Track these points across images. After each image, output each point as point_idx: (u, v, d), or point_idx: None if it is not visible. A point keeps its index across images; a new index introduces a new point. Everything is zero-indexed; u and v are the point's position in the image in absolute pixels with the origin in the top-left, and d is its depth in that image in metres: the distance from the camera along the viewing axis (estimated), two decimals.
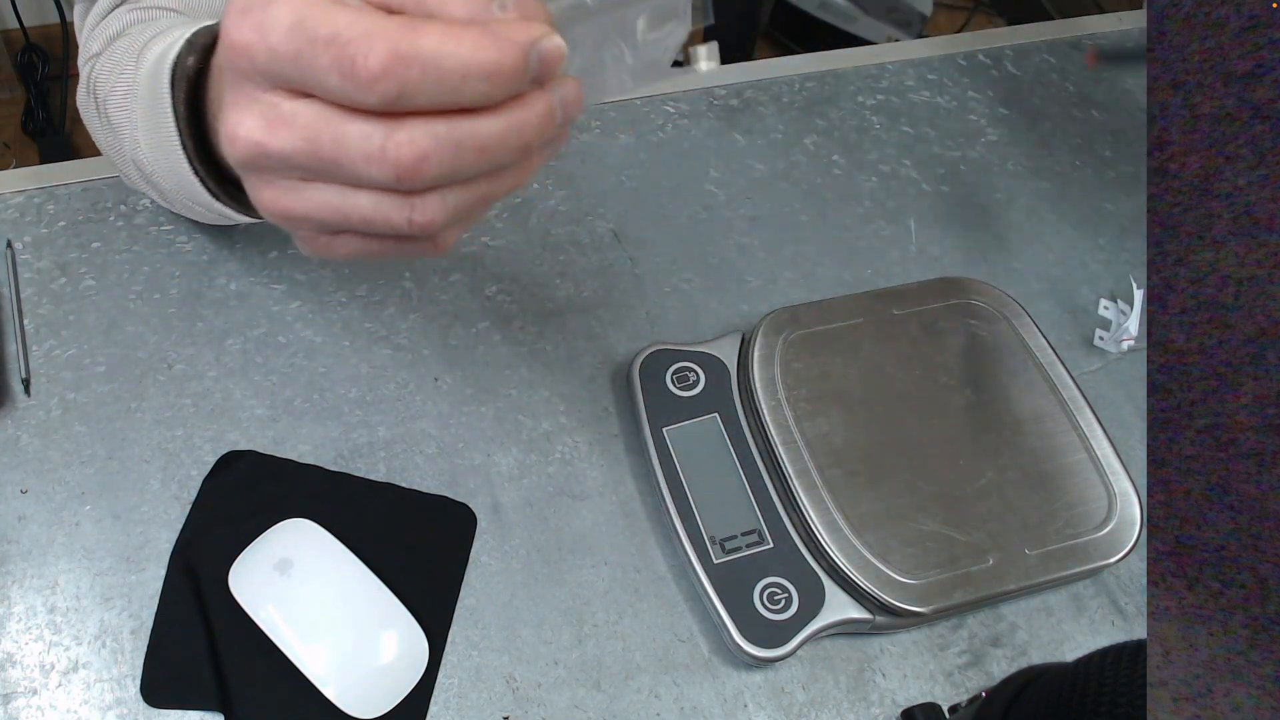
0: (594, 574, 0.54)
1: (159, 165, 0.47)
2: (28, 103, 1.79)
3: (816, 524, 0.52)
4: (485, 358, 0.61)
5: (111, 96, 0.50)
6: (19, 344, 0.58)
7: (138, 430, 0.56)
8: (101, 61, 0.52)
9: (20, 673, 0.49)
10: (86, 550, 0.53)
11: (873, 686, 0.53)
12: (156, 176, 0.48)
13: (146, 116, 0.46)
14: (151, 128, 0.46)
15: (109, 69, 0.51)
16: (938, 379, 0.58)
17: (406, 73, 0.28)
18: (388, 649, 0.50)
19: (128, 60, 0.49)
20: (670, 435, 0.56)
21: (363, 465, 0.56)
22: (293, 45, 0.29)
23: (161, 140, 0.45)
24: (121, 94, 0.49)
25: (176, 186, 0.47)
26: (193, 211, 0.52)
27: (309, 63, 0.29)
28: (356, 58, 0.28)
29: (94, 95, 0.52)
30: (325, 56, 0.29)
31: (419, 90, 0.29)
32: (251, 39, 0.30)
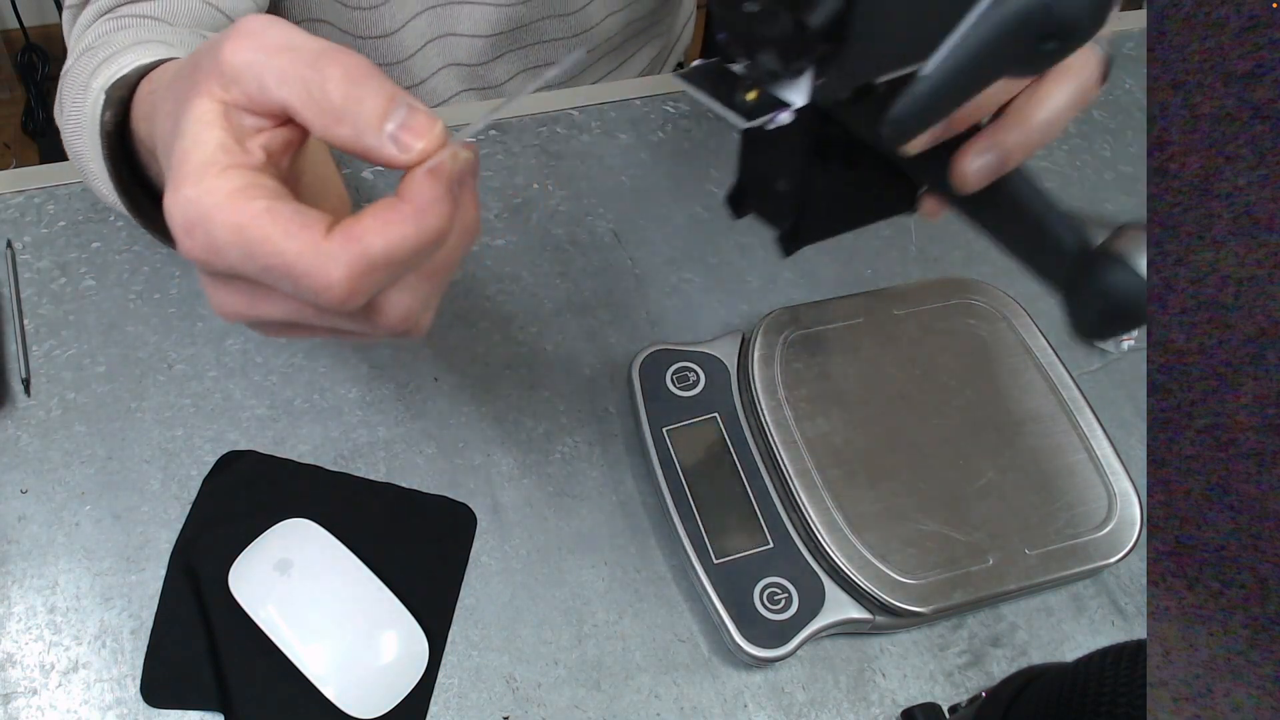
0: (594, 574, 0.54)
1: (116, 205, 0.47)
2: (28, 103, 1.79)
3: (816, 524, 0.52)
4: (485, 358, 0.61)
5: (68, 124, 0.50)
6: (19, 344, 0.58)
7: (138, 430, 0.56)
8: (65, 81, 0.52)
9: (20, 673, 0.49)
10: (86, 550, 0.53)
11: (873, 686, 0.53)
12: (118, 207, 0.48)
13: (93, 149, 0.46)
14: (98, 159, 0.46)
15: (68, 91, 0.51)
16: (938, 379, 0.58)
17: (372, 281, 0.30)
18: (388, 649, 0.50)
19: (78, 89, 0.49)
20: (670, 435, 0.56)
21: (363, 465, 0.56)
22: (252, 268, 0.30)
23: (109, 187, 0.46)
24: (75, 123, 0.49)
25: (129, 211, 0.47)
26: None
27: (273, 280, 0.30)
28: (321, 292, 0.30)
29: (62, 115, 0.52)
30: (288, 285, 0.30)
31: (385, 283, 0.31)
32: (207, 258, 0.30)
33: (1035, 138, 0.36)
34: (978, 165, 0.35)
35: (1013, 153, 0.35)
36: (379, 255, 0.30)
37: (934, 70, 0.29)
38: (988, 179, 0.36)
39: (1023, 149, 0.35)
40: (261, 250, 0.30)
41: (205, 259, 0.31)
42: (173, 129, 0.32)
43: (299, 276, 0.29)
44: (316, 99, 0.30)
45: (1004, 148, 0.35)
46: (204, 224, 0.30)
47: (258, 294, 0.32)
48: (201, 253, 0.30)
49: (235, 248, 0.30)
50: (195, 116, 0.31)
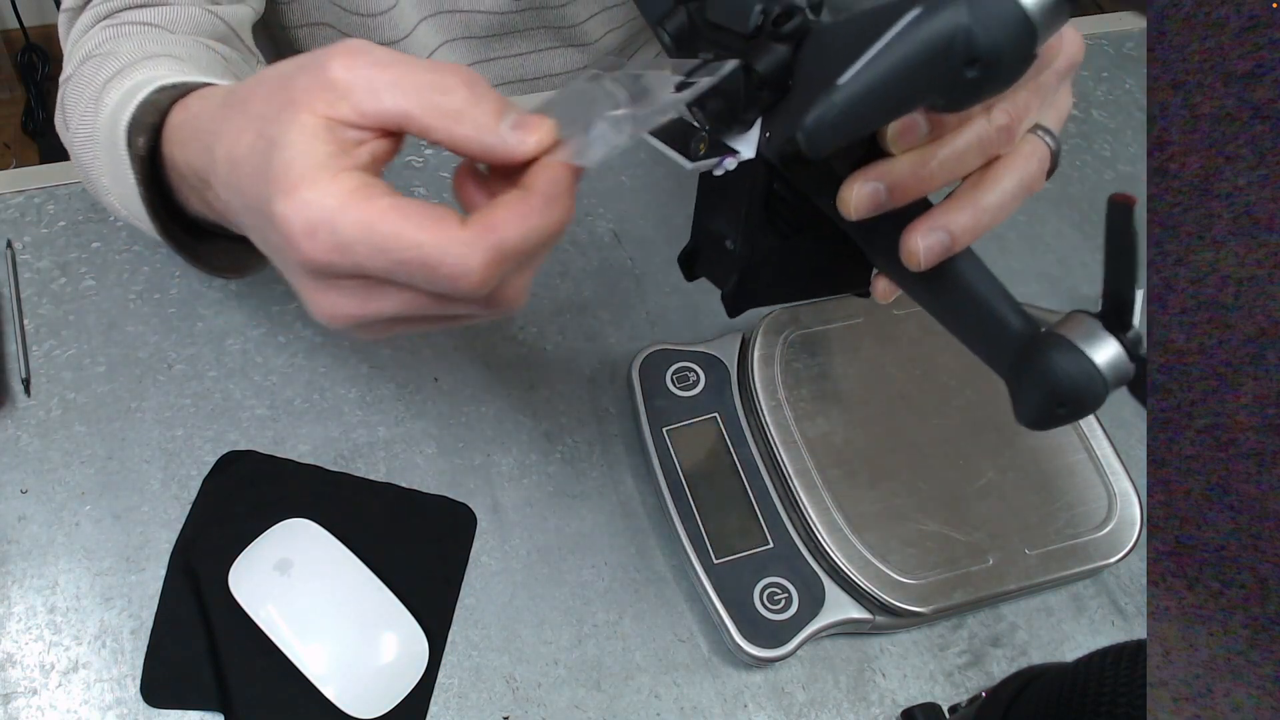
0: (594, 574, 0.54)
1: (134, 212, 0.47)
2: (28, 103, 1.79)
3: (816, 524, 0.52)
4: (485, 358, 0.61)
5: (76, 136, 0.50)
6: (19, 344, 0.58)
7: (138, 430, 0.56)
8: (70, 88, 0.52)
9: (20, 673, 0.49)
10: (86, 550, 0.53)
11: (873, 686, 0.53)
12: (133, 220, 0.48)
13: (110, 168, 0.46)
14: (115, 178, 0.46)
15: (73, 101, 0.51)
16: (938, 379, 0.58)
17: (503, 268, 0.32)
18: (388, 649, 0.50)
19: (88, 101, 0.49)
20: (670, 435, 0.56)
21: (363, 465, 0.56)
22: (382, 263, 0.31)
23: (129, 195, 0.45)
24: (85, 136, 0.49)
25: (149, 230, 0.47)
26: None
27: (405, 274, 0.32)
28: (459, 280, 0.31)
29: (66, 125, 0.52)
30: (421, 276, 0.31)
31: (514, 270, 0.33)
32: (331, 259, 0.32)
33: (984, 219, 0.36)
34: (927, 244, 0.35)
35: (961, 234, 0.36)
36: (513, 243, 0.31)
37: (850, 80, 0.28)
38: (937, 259, 0.36)
39: (971, 231, 0.36)
40: (395, 244, 0.31)
41: (328, 260, 0.32)
42: (262, 147, 0.33)
43: (435, 267, 0.31)
44: (437, 103, 0.32)
45: (953, 228, 0.35)
46: (328, 224, 0.31)
47: (371, 292, 0.33)
48: (325, 253, 0.31)
49: (364, 244, 0.31)
50: (298, 129, 0.32)
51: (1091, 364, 0.33)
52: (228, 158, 0.35)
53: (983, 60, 0.27)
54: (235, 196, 0.35)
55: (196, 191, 0.41)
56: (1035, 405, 0.34)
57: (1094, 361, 0.33)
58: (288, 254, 0.33)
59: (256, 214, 0.34)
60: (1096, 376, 0.33)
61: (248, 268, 0.48)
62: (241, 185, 0.35)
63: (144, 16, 0.54)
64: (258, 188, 0.33)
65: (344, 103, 0.32)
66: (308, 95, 0.32)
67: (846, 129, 0.29)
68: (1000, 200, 0.36)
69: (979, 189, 0.36)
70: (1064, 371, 0.33)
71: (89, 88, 0.50)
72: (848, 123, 0.29)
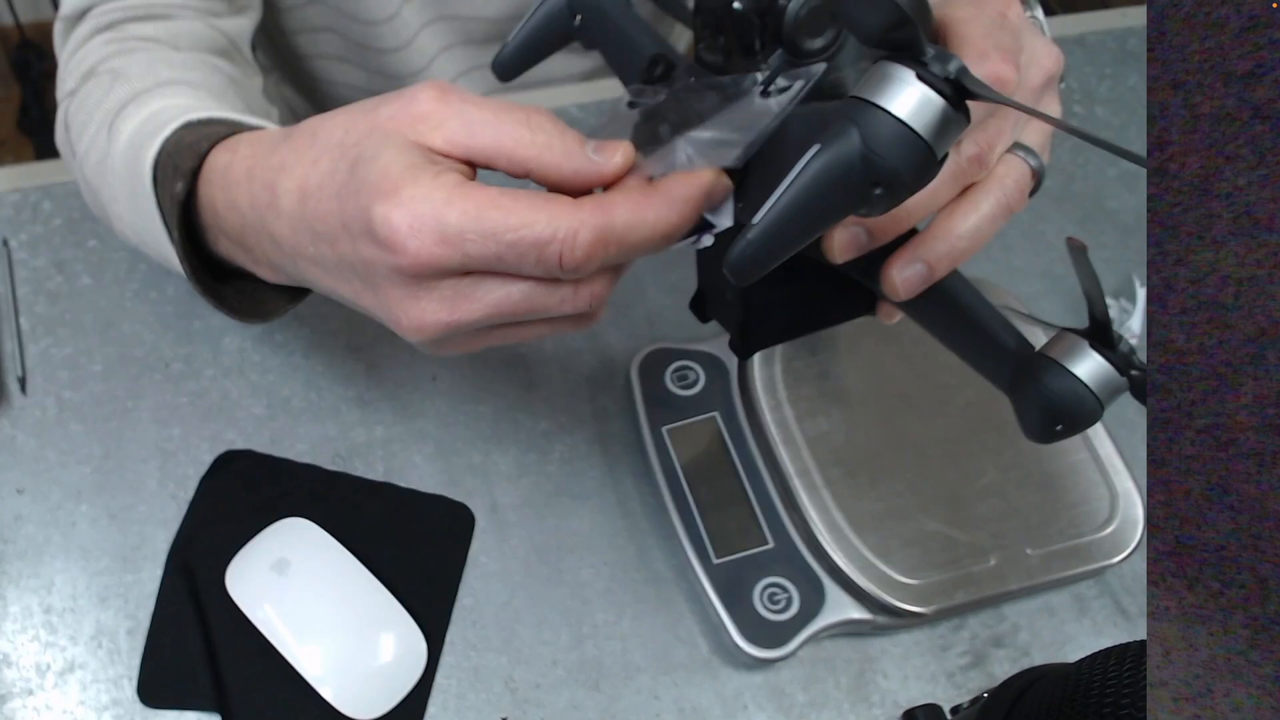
0: (593, 574, 0.54)
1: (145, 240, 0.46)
2: (23, 100, 1.79)
3: (816, 524, 0.52)
4: (483, 357, 0.61)
5: (87, 160, 0.49)
6: (15, 342, 0.58)
7: (134, 429, 0.56)
8: (75, 105, 0.51)
9: (16, 673, 0.49)
10: (83, 550, 0.52)
11: (874, 687, 0.52)
12: (142, 246, 0.47)
13: (127, 200, 0.46)
14: (133, 210, 0.45)
15: (81, 121, 0.50)
16: (938, 378, 0.58)
17: (605, 252, 0.32)
18: (385, 649, 0.50)
19: (100, 126, 0.48)
20: (670, 435, 0.56)
21: (360, 465, 0.56)
22: (491, 250, 0.32)
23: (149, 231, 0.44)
24: (95, 161, 0.48)
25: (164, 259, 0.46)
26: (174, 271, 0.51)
27: (511, 262, 0.32)
28: (564, 254, 0.32)
29: (72, 143, 0.51)
30: (531, 256, 0.32)
31: (613, 259, 0.33)
32: (438, 253, 0.32)
33: (961, 246, 0.36)
34: (904, 275, 0.36)
35: (939, 263, 0.36)
36: (621, 228, 0.32)
37: (762, 219, 0.30)
38: (918, 288, 0.37)
39: (948, 259, 0.36)
40: (506, 226, 0.32)
41: (431, 256, 0.32)
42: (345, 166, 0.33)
43: (546, 243, 0.32)
44: (531, 135, 0.33)
45: (929, 259, 0.36)
46: (435, 217, 0.32)
47: (467, 292, 0.33)
48: (431, 248, 0.32)
49: (474, 230, 0.32)
50: (390, 144, 0.33)
51: (1080, 383, 0.34)
52: (298, 189, 0.35)
53: (884, 180, 0.28)
54: (303, 230, 0.35)
55: (229, 235, 0.41)
56: (1035, 423, 0.36)
57: (1082, 380, 0.34)
58: (385, 261, 0.33)
59: (339, 235, 0.34)
60: (1086, 394, 0.34)
61: (269, 313, 0.46)
62: (317, 212, 0.35)
63: (146, 31, 0.53)
64: (345, 205, 0.33)
65: (436, 133, 0.33)
66: (395, 122, 0.33)
67: (768, 260, 0.31)
68: (976, 226, 0.37)
69: (953, 218, 0.37)
70: (1055, 392, 0.34)
71: (99, 110, 0.49)
72: (767, 255, 0.30)
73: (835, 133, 0.28)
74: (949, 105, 0.28)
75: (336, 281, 0.36)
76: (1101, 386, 0.34)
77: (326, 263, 0.36)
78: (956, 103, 0.28)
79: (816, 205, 0.29)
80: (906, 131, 0.28)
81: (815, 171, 0.28)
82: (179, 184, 0.41)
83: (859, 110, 0.28)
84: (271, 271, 0.40)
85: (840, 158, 0.28)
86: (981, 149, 0.36)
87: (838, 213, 0.30)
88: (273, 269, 0.40)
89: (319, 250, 0.36)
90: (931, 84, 0.27)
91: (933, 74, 0.27)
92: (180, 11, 0.54)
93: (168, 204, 0.42)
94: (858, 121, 0.28)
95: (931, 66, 0.28)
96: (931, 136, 0.28)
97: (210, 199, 0.41)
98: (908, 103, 0.27)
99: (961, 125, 0.28)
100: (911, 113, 0.27)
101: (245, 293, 0.45)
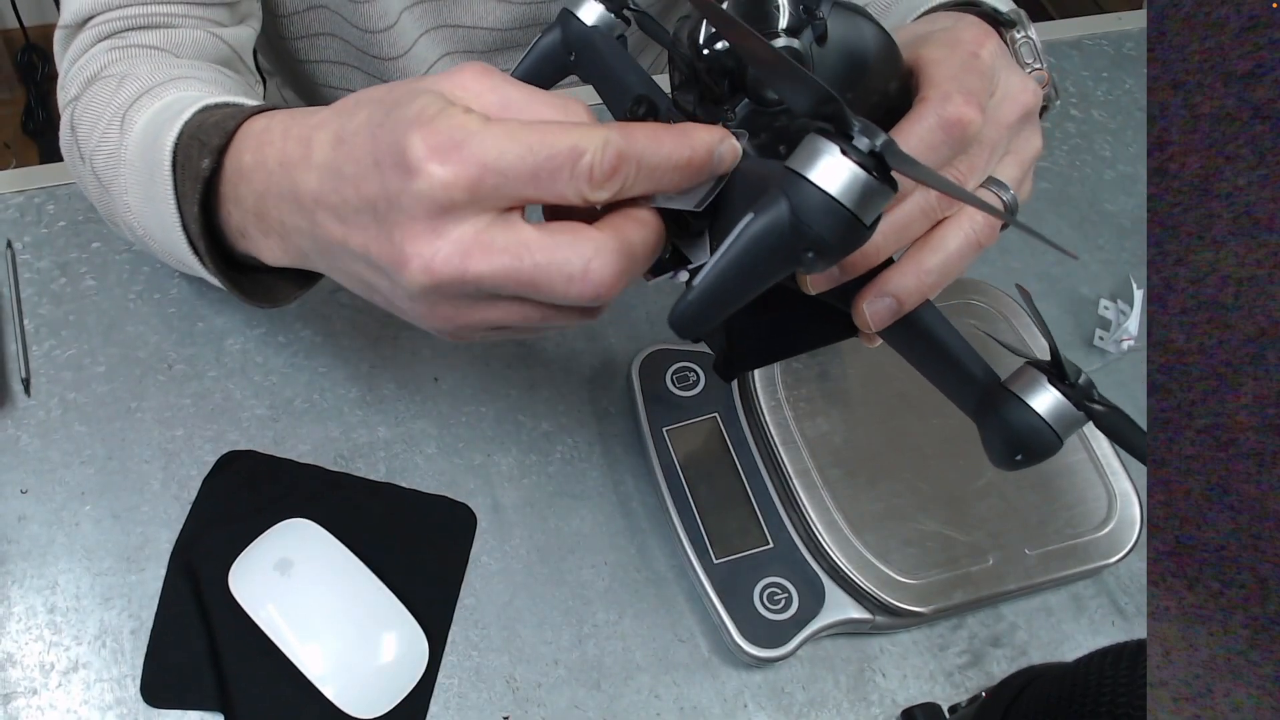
0: (594, 574, 0.54)
1: (153, 232, 0.47)
2: (28, 103, 1.79)
3: (816, 524, 0.52)
4: (485, 358, 0.61)
5: (96, 155, 0.49)
6: (19, 344, 0.58)
7: (138, 430, 0.56)
8: (80, 108, 0.51)
9: (20, 673, 0.49)
10: (86, 550, 0.53)
11: (873, 686, 0.53)
12: (149, 239, 0.48)
13: (140, 189, 0.46)
14: (146, 199, 0.45)
15: (89, 121, 0.50)
16: None
17: (628, 169, 0.32)
18: (387, 649, 0.50)
19: (110, 119, 0.48)
20: (670, 435, 0.56)
21: (363, 465, 0.56)
22: (529, 167, 0.32)
23: (160, 217, 0.45)
24: (107, 154, 0.48)
25: (170, 253, 0.47)
26: (181, 269, 0.51)
27: (547, 178, 0.32)
28: (594, 165, 0.32)
29: (79, 145, 0.52)
30: (565, 169, 0.32)
31: (634, 184, 0.33)
32: (476, 173, 0.31)
33: (929, 281, 0.37)
34: (873, 309, 0.37)
35: (908, 297, 0.37)
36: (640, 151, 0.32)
37: (701, 282, 0.31)
38: (886, 321, 0.37)
39: (916, 292, 0.37)
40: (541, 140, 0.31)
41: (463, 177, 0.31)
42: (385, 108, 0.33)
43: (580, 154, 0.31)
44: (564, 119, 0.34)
45: (898, 293, 0.37)
46: (469, 139, 0.31)
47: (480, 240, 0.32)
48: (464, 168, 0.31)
49: (510, 150, 0.31)
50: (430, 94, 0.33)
51: (1037, 416, 0.36)
52: (334, 137, 0.35)
53: (812, 246, 0.30)
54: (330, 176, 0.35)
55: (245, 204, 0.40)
56: (997, 451, 0.37)
57: (1039, 414, 0.36)
58: (410, 188, 0.32)
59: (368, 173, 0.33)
60: (1042, 427, 0.36)
61: (278, 298, 0.47)
62: (350, 155, 0.34)
63: (148, 39, 0.53)
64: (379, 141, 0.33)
65: (474, 103, 0.33)
66: (437, 84, 0.34)
67: (709, 318, 0.32)
68: (944, 261, 0.37)
69: (922, 253, 0.37)
70: (1013, 425, 0.36)
71: (108, 107, 0.49)
72: (708, 314, 0.32)
73: (766, 202, 0.30)
74: (871, 178, 0.29)
75: (349, 232, 0.35)
76: (1058, 420, 0.36)
77: (346, 209, 0.35)
78: (881, 175, 0.29)
79: (751, 268, 0.31)
80: (831, 202, 0.29)
81: (748, 238, 0.30)
82: (205, 160, 0.41)
83: (789, 181, 0.30)
84: (280, 243, 0.40)
85: (771, 226, 0.30)
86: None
87: (773, 274, 0.31)
88: (282, 239, 0.39)
89: (342, 195, 0.34)
90: (855, 159, 0.29)
91: (857, 149, 0.29)
92: (182, 20, 0.54)
93: (189, 184, 0.42)
94: (787, 192, 0.29)
95: (857, 141, 0.29)
96: (855, 206, 0.29)
97: (237, 165, 0.40)
98: (832, 176, 0.29)
99: (887, 195, 0.30)
100: (835, 185, 0.29)
101: (256, 281, 0.46)
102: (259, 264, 0.43)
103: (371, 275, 0.36)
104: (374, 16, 0.68)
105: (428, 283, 0.33)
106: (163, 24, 0.54)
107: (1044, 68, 0.45)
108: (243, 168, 0.40)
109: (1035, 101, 0.41)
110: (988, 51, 0.39)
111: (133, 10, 0.53)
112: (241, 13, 0.58)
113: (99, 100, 0.50)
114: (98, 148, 0.49)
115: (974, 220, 0.38)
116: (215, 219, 0.43)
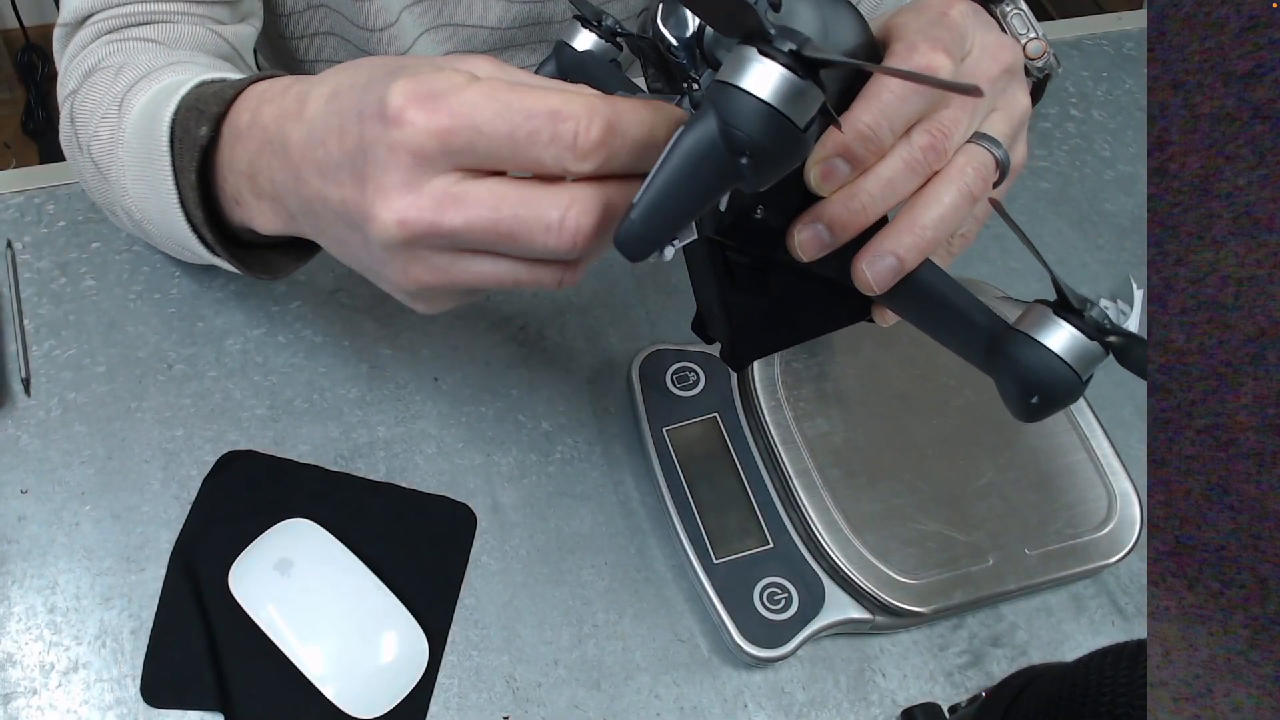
0: (594, 574, 0.54)
1: (150, 215, 0.47)
2: (28, 103, 1.79)
3: (816, 524, 0.52)
4: (485, 358, 0.61)
5: (95, 142, 0.49)
6: (19, 344, 0.58)
7: (138, 430, 0.56)
8: (79, 100, 0.52)
9: (20, 673, 0.49)
10: (86, 550, 0.53)
11: (873, 686, 0.53)
12: (147, 224, 0.48)
13: (137, 169, 0.46)
14: (143, 180, 0.46)
15: (88, 110, 0.50)
16: (938, 379, 0.58)
17: (613, 141, 0.32)
18: (388, 649, 0.50)
19: (109, 106, 0.48)
20: (670, 435, 0.56)
21: (363, 465, 0.56)
22: (505, 125, 0.31)
23: (157, 196, 0.45)
24: (105, 139, 0.48)
25: (167, 235, 0.47)
26: (180, 255, 0.52)
27: (524, 139, 0.31)
28: (579, 132, 0.31)
29: (77, 136, 0.52)
30: (546, 132, 0.31)
31: (617, 155, 0.32)
32: (450, 124, 0.31)
33: (928, 236, 0.36)
34: (874, 270, 0.36)
35: (907, 255, 0.36)
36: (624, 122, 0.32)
37: (640, 199, 0.31)
38: (890, 281, 0.37)
39: (916, 249, 0.36)
40: (522, 101, 0.31)
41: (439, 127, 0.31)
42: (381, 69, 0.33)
43: (562, 119, 0.31)
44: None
45: (898, 251, 0.36)
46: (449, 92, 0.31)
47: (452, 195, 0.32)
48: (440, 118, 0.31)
49: (489, 108, 0.31)
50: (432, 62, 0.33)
51: (1049, 352, 0.34)
52: (330, 91, 0.35)
53: (748, 151, 0.30)
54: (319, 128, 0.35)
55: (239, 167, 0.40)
56: (1014, 399, 0.36)
57: (1050, 349, 0.34)
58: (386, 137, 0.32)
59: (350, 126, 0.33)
60: (1056, 362, 0.34)
61: (276, 270, 0.47)
62: (340, 107, 0.34)
63: (148, 34, 0.53)
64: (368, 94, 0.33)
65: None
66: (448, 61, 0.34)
67: (655, 237, 0.31)
68: (939, 215, 0.37)
69: (915, 209, 0.37)
70: (1022, 362, 0.34)
71: (106, 95, 0.49)
72: (653, 231, 0.31)
73: (697, 115, 0.30)
74: (792, 75, 0.29)
75: (327, 187, 0.35)
76: (1072, 354, 0.34)
77: (328, 163, 0.34)
78: (804, 72, 0.29)
79: (689, 181, 0.31)
80: (755, 101, 0.29)
81: (681, 150, 0.30)
82: (203, 128, 0.41)
83: (715, 90, 0.30)
84: (271, 206, 0.39)
85: (701, 135, 0.30)
86: (935, 138, 0.36)
87: (713, 185, 0.31)
88: (273, 202, 0.39)
89: (326, 149, 0.34)
90: (773, 56, 0.29)
91: (774, 48, 0.29)
92: (182, 17, 0.54)
93: (186, 156, 0.42)
94: (714, 100, 0.30)
95: (776, 43, 0.29)
96: (780, 103, 0.29)
97: (234, 128, 0.40)
98: (753, 77, 0.29)
99: (813, 92, 0.29)
100: (756, 85, 0.29)
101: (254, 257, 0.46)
102: (256, 238, 0.43)
103: (348, 233, 0.35)
104: (374, 15, 0.68)
105: (401, 236, 0.33)
106: (162, 21, 0.54)
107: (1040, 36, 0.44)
108: (239, 129, 0.40)
109: (1015, 58, 0.40)
110: (957, 11, 0.39)
111: (132, 7, 0.53)
112: (243, 11, 0.58)
113: (98, 90, 0.50)
114: (95, 134, 0.49)
115: (965, 173, 0.37)
116: (212, 190, 0.43)
